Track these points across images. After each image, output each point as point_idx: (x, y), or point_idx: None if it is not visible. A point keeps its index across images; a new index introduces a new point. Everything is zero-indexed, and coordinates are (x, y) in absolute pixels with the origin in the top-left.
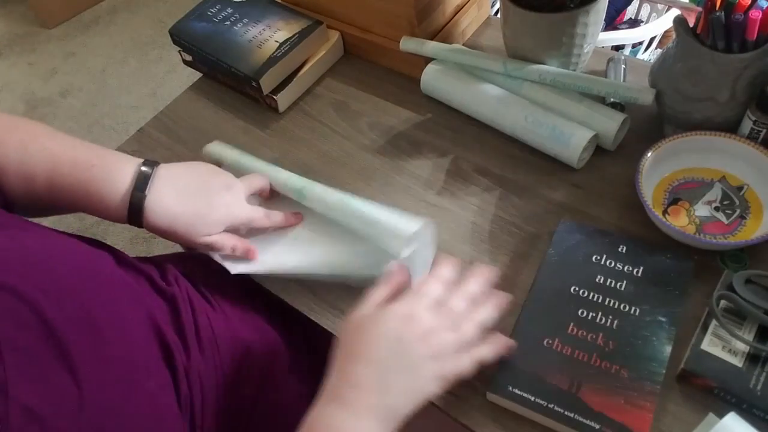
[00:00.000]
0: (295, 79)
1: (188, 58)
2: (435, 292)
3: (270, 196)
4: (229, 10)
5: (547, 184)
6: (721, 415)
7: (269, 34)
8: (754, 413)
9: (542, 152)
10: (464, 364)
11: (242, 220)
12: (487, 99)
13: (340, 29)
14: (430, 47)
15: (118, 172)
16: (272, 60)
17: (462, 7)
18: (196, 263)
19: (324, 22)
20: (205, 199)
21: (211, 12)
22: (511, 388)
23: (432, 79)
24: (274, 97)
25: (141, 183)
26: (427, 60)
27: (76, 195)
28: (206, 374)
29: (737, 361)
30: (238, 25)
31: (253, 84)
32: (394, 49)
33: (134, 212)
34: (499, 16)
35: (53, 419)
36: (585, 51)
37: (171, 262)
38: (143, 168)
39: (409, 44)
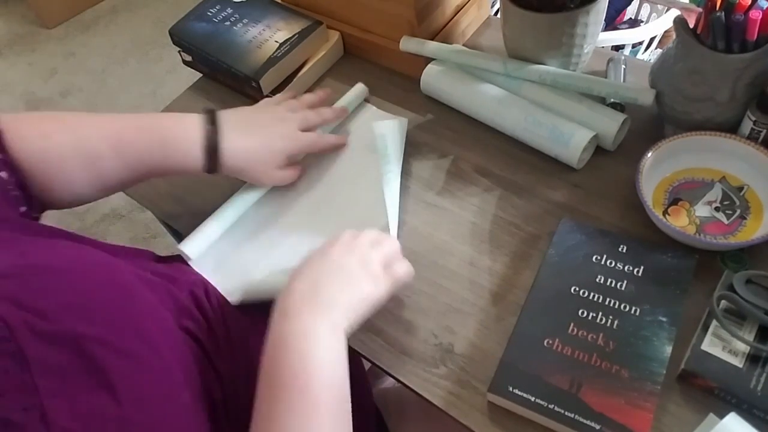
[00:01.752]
0: (295, 80)
1: (188, 58)
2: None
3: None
4: (229, 11)
5: (547, 184)
6: (721, 415)
7: (269, 35)
8: (754, 414)
9: (542, 152)
10: (402, 269)
11: (302, 145)
12: (487, 99)
13: (340, 29)
14: (430, 47)
15: (188, 126)
16: (272, 60)
17: (462, 7)
18: None
19: (324, 22)
20: (265, 132)
21: (211, 12)
22: (511, 389)
23: (432, 79)
24: None
25: (211, 133)
26: (427, 60)
27: (152, 156)
28: (237, 375)
29: (738, 362)
30: (238, 26)
31: (253, 84)
32: (394, 49)
33: (211, 155)
34: (499, 16)
35: None
36: (585, 51)
37: (185, 263)
38: (206, 117)
39: (409, 44)
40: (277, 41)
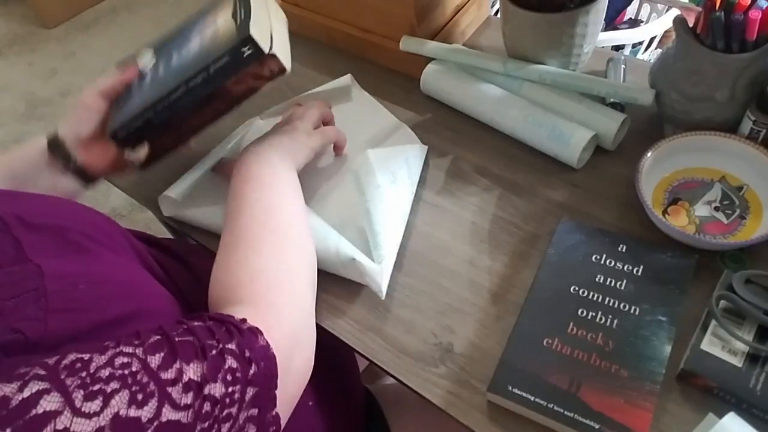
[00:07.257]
0: None
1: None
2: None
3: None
4: None
5: (547, 184)
6: (720, 415)
7: None
8: (753, 413)
9: (542, 152)
10: (331, 130)
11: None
12: (487, 99)
13: (340, 29)
14: (430, 47)
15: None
16: None
17: (462, 7)
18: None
19: None
20: None
21: None
22: (511, 388)
23: (432, 79)
24: None
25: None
26: (427, 60)
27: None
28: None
29: (737, 361)
30: None
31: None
32: (394, 49)
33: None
34: (499, 16)
35: None
36: (585, 51)
37: None
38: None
39: (409, 44)
40: None
